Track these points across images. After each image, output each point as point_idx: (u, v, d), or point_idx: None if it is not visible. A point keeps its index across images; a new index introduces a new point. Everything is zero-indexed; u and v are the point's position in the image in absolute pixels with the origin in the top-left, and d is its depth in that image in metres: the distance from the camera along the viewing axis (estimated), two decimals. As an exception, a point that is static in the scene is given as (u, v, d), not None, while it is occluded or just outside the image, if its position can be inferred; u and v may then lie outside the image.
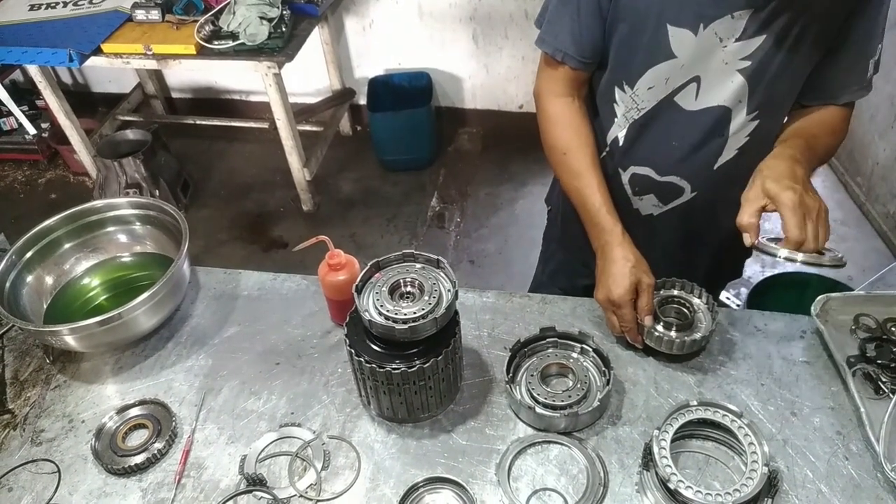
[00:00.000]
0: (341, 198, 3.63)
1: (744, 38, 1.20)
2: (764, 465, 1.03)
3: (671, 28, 1.21)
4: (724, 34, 1.20)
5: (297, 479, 1.16)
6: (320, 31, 3.50)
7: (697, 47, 1.22)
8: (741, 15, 1.17)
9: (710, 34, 1.20)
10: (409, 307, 1.10)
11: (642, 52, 1.27)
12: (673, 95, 1.30)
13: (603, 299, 1.29)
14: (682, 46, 1.23)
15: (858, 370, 1.23)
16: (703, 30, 1.20)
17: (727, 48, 1.21)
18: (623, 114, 1.37)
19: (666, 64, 1.26)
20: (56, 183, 3.89)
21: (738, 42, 1.20)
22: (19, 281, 1.42)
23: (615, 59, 1.32)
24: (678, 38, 1.22)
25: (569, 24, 1.29)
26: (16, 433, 1.27)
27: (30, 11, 3.05)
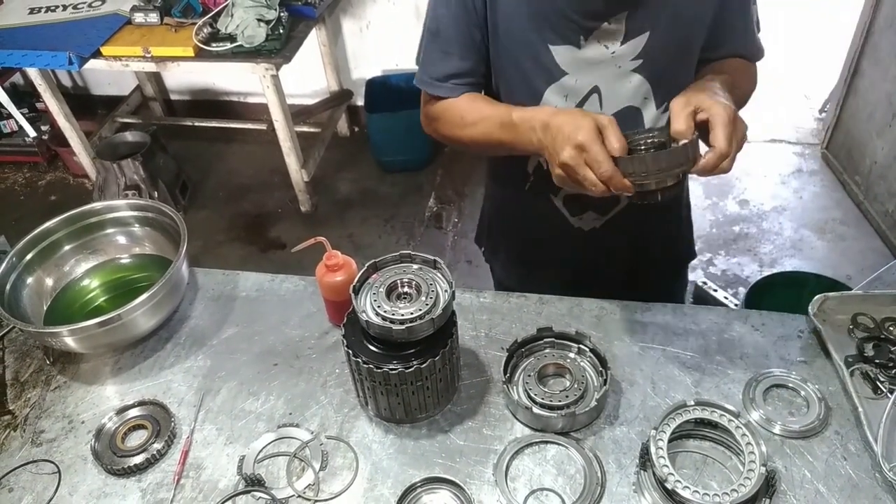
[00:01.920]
0: (339, 199, 3.64)
1: (628, 38, 1.19)
2: (762, 465, 1.03)
3: (553, 48, 1.20)
4: (607, 41, 1.19)
5: (295, 479, 1.16)
6: (318, 32, 3.50)
7: (585, 60, 1.21)
8: (617, 19, 1.16)
9: (593, 44, 1.19)
10: (406, 308, 1.10)
11: (533, 76, 1.25)
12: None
13: (568, 154, 1.06)
14: (569, 63, 1.21)
15: (856, 370, 1.23)
16: (585, 42, 1.19)
17: (616, 53, 1.20)
18: None
19: (559, 82, 1.25)
20: (56, 185, 3.90)
21: (625, 44, 1.19)
22: (20, 282, 1.42)
23: (509, 86, 1.30)
24: (563, 55, 1.21)
25: (441, 57, 1.28)
26: (16, 434, 1.27)
27: (29, 15, 3.06)
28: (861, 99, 3.24)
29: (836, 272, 2.79)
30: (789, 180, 3.49)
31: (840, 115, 3.42)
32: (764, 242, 3.18)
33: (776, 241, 3.19)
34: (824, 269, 2.83)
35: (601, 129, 1.05)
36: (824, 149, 3.57)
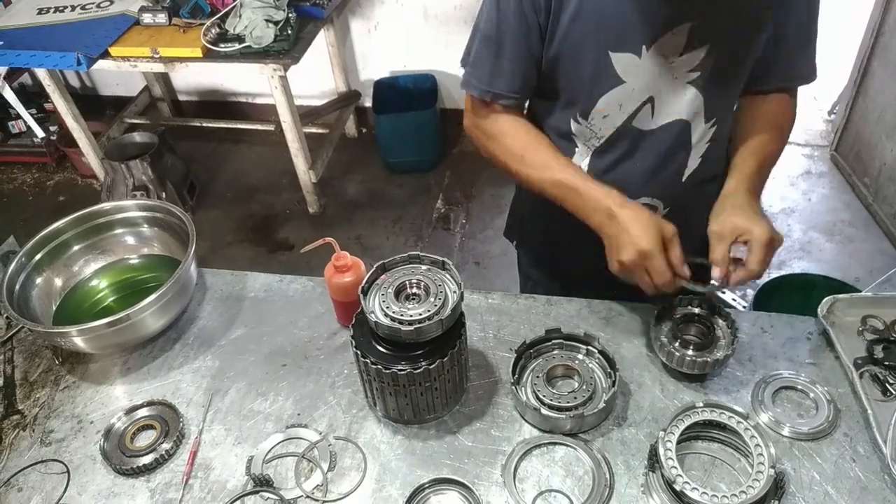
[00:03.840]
0: (347, 200, 3.64)
1: (688, 50, 1.19)
2: (770, 467, 1.03)
3: (614, 55, 1.19)
4: (668, 51, 1.18)
5: (303, 479, 1.16)
6: (326, 33, 3.50)
7: (644, 69, 1.20)
8: (680, 30, 1.16)
9: (654, 54, 1.19)
10: (414, 309, 1.10)
11: (589, 83, 1.24)
12: (630, 120, 1.28)
13: (633, 258, 1.14)
14: (628, 71, 1.21)
15: (866, 372, 1.23)
16: (647, 51, 1.18)
17: (674, 64, 1.20)
18: (583, 143, 1.34)
19: (616, 90, 1.24)
20: (64, 185, 3.91)
21: (684, 56, 1.19)
22: (29, 283, 1.43)
23: (563, 92, 1.29)
24: (623, 63, 1.20)
25: (493, 64, 1.25)
26: (25, 434, 1.28)
27: (38, 15, 3.07)
28: (870, 101, 3.23)
29: (844, 274, 2.77)
30: (798, 182, 3.47)
31: (849, 116, 3.40)
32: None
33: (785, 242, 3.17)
34: (833, 272, 2.81)
35: (665, 241, 1.15)
36: (833, 151, 3.56)
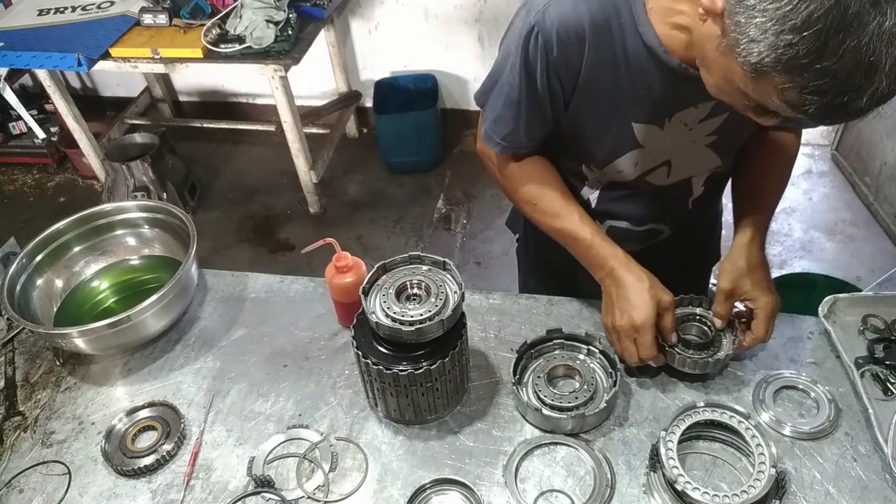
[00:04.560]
0: (348, 200, 3.64)
1: (709, 118, 1.19)
2: (771, 467, 1.03)
3: (636, 125, 1.20)
4: (689, 121, 1.19)
5: (304, 480, 1.16)
6: (326, 33, 3.50)
7: (665, 137, 1.21)
8: (704, 106, 1.17)
9: (676, 124, 1.19)
10: (415, 309, 1.11)
11: (608, 146, 1.25)
12: (644, 176, 1.30)
13: (624, 326, 1.20)
14: (648, 138, 1.22)
15: (867, 371, 1.23)
16: (669, 122, 1.19)
17: (693, 130, 1.21)
18: (594, 179, 1.36)
19: (634, 153, 1.25)
20: (65, 186, 3.91)
21: (704, 122, 1.20)
22: (30, 284, 1.43)
23: (580, 147, 1.29)
24: (644, 132, 1.21)
25: (515, 125, 1.23)
26: (27, 435, 1.28)
27: (39, 16, 3.07)
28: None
29: (845, 273, 2.77)
30: (799, 181, 3.47)
31: (850, 115, 3.40)
32: (773, 244, 3.16)
33: (786, 242, 3.17)
34: (834, 271, 2.81)
35: (660, 310, 1.19)
36: (834, 150, 3.55)
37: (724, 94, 0.99)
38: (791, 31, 0.78)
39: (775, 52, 0.80)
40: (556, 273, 1.58)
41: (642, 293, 1.19)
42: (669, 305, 1.20)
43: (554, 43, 1.08)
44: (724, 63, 0.91)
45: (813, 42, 0.77)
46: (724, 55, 0.90)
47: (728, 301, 1.24)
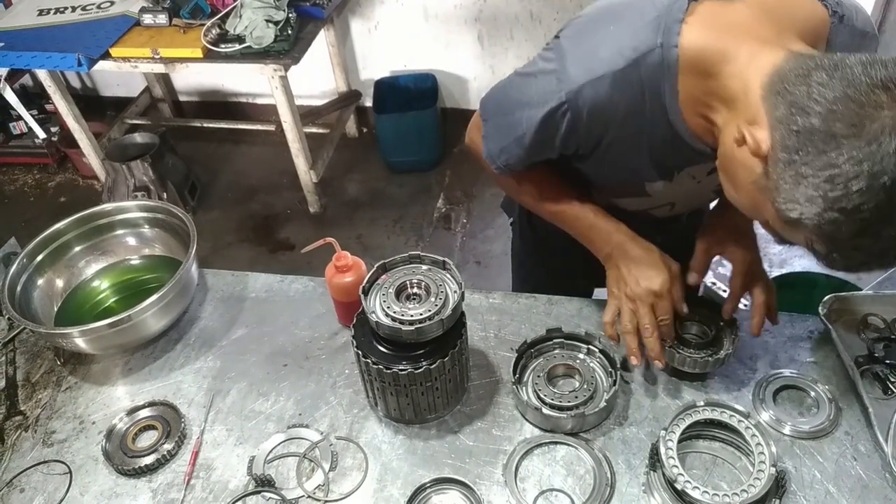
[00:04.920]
0: (348, 199, 3.64)
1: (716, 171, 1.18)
2: (771, 466, 1.03)
3: (650, 185, 1.21)
4: (698, 174, 1.18)
5: (305, 479, 1.16)
6: (326, 33, 3.50)
7: (673, 188, 1.21)
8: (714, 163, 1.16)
9: (684, 176, 1.19)
10: (415, 308, 1.11)
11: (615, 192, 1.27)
12: (647, 211, 1.31)
13: (642, 292, 1.18)
14: (656, 190, 1.22)
15: (867, 370, 1.23)
16: (678, 174, 1.19)
17: (702, 182, 1.20)
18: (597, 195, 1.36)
19: (640, 199, 1.26)
20: (65, 186, 3.91)
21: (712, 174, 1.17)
22: (30, 284, 1.43)
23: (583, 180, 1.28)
24: (653, 186, 1.22)
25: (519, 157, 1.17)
26: (27, 434, 1.28)
27: (39, 16, 3.07)
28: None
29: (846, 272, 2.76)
30: (798, 180, 3.47)
31: (850, 114, 3.40)
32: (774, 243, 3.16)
33: (786, 240, 3.17)
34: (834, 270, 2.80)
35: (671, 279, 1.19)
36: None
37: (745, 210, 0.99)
38: (838, 212, 0.79)
39: (817, 222, 0.82)
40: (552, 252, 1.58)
41: (655, 261, 1.19)
42: (677, 274, 1.20)
43: (581, 122, 1.05)
44: (755, 195, 0.91)
45: (856, 225, 0.79)
46: (758, 191, 0.90)
47: (705, 256, 1.25)
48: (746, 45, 0.92)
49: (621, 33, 1.00)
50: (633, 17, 1.00)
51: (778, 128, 0.83)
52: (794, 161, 0.81)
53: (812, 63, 0.83)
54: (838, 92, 0.78)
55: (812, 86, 0.80)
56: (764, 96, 0.87)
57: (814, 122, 0.79)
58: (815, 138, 0.79)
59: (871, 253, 0.82)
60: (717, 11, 0.97)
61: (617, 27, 1.01)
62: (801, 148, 0.80)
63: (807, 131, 0.80)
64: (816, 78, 0.80)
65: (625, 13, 1.02)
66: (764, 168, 0.86)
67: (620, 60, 0.98)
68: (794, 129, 0.81)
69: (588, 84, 1.00)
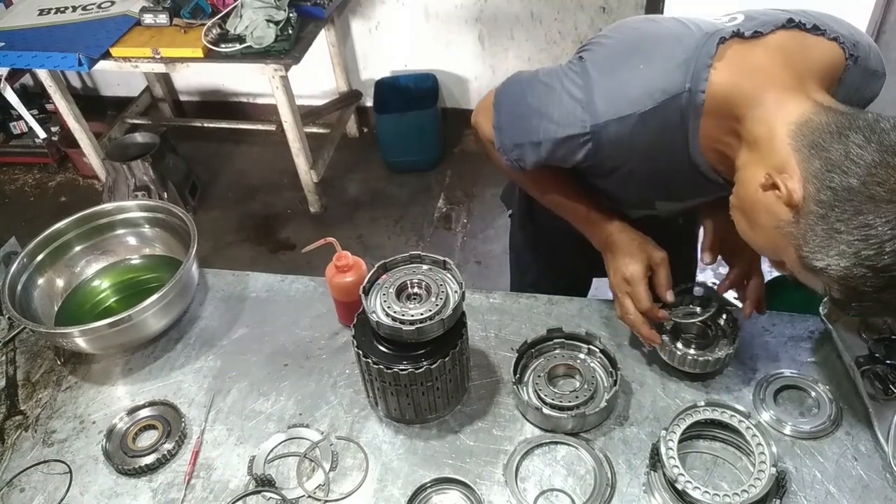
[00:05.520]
0: (348, 199, 3.64)
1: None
2: (772, 466, 1.03)
3: (659, 202, 1.24)
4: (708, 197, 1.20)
5: (305, 479, 1.16)
6: (327, 33, 3.50)
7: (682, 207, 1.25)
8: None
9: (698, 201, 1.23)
10: (416, 308, 1.11)
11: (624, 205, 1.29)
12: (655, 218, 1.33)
13: (617, 281, 1.23)
14: (666, 208, 1.26)
15: (867, 370, 1.22)
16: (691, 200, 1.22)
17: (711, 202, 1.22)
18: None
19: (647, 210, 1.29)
20: (66, 186, 3.91)
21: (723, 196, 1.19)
22: (30, 283, 1.43)
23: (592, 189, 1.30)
24: (664, 205, 1.25)
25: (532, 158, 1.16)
26: (28, 434, 1.28)
27: (39, 16, 3.07)
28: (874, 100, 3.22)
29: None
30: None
31: (850, 114, 3.39)
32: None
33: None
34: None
35: (653, 267, 1.21)
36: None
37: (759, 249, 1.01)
38: (867, 269, 0.82)
39: (843, 274, 0.85)
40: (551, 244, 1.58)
41: (632, 249, 1.22)
42: (662, 261, 1.21)
43: (601, 153, 1.07)
44: (776, 238, 0.93)
45: (882, 281, 0.83)
46: (781, 236, 0.91)
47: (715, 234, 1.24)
48: (772, 93, 0.94)
49: (651, 73, 1.01)
50: (663, 57, 1.01)
51: (812, 181, 0.86)
52: (827, 216, 0.84)
53: (845, 121, 0.86)
54: (877, 157, 0.81)
55: (850, 146, 0.83)
56: (795, 147, 0.89)
57: (852, 183, 0.82)
58: (852, 198, 0.82)
59: (890, 306, 0.86)
60: (742, 55, 0.99)
61: (647, 66, 1.02)
62: (836, 205, 0.83)
63: (844, 190, 0.83)
64: (854, 139, 0.83)
65: (654, 51, 1.03)
66: (793, 217, 0.88)
67: (649, 102, 1.00)
68: (829, 185, 0.84)
69: (614, 121, 1.02)
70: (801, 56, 0.99)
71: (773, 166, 0.91)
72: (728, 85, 0.97)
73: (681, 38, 1.01)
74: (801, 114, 0.90)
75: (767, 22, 1.01)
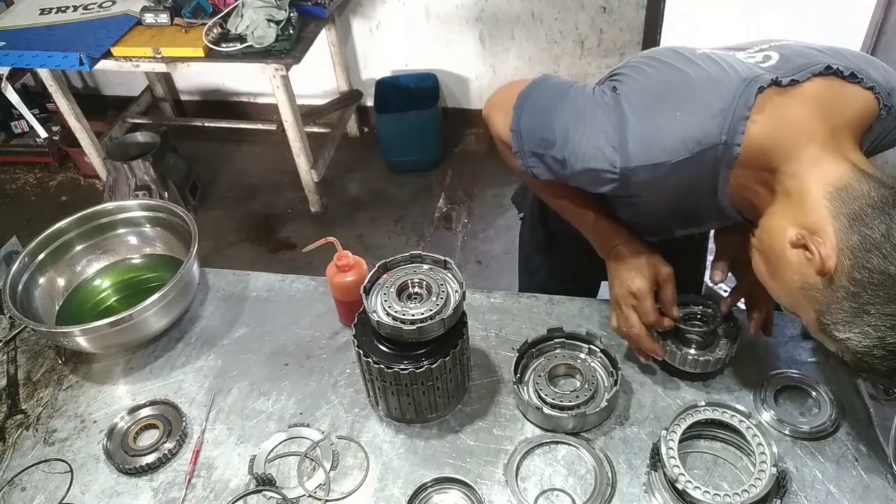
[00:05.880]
0: (349, 199, 3.64)
1: None
2: (773, 466, 1.03)
3: (679, 231, 1.24)
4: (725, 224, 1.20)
5: (306, 479, 1.16)
6: (327, 32, 3.50)
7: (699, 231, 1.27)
8: None
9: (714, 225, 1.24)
10: (416, 308, 1.11)
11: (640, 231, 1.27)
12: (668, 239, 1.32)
13: (623, 294, 1.21)
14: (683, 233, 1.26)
15: (868, 370, 1.23)
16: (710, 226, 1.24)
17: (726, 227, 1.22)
18: None
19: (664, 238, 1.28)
20: (67, 185, 3.92)
21: None
22: (32, 283, 1.43)
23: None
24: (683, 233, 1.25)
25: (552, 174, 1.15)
26: (29, 433, 1.28)
27: (40, 16, 3.07)
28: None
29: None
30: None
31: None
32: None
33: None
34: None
35: (659, 282, 1.20)
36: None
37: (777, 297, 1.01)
38: (887, 352, 0.82)
39: (862, 351, 0.85)
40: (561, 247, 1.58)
41: (639, 263, 1.20)
42: (668, 277, 1.20)
43: (626, 191, 1.06)
44: (798, 297, 0.92)
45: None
46: (804, 297, 0.91)
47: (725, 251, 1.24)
48: (809, 148, 0.93)
49: (687, 123, 0.98)
50: (700, 106, 0.98)
51: (848, 256, 0.85)
52: (859, 295, 0.83)
53: (890, 197, 0.84)
54: None
55: (892, 228, 0.82)
56: (833, 213, 0.87)
57: (890, 270, 0.81)
58: (888, 284, 0.81)
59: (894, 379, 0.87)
60: (779, 107, 0.96)
61: (683, 114, 0.99)
62: (870, 287, 0.83)
63: (881, 274, 0.82)
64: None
65: (690, 97, 1.00)
66: (822, 284, 0.88)
67: (683, 152, 0.98)
68: (867, 265, 0.83)
69: (645, 167, 1.00)
70: (838, 108, 0.97)
71: (806, 226, 0.90)
72: (764, 137, 0.95)
73: (718, 83, 0.98)
74: (840, 177, 0.88)
75: (804, 66, 0.98)
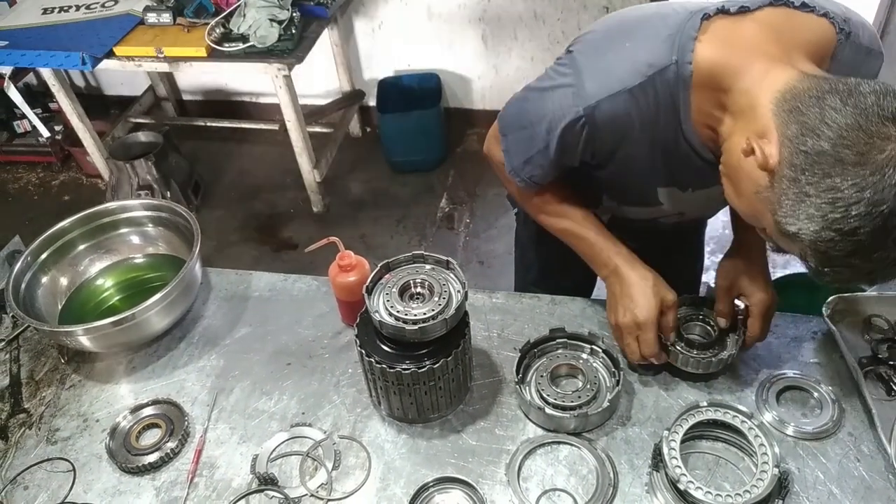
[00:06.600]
0: (351, 199, 3.64)
1: None
2: (775, 466, 1.03)
3: (661, 189, 1.22)
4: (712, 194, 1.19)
5: (308, 478, 1.17)
6: (330, 32, 3.50)
7: (685, 200, 1.24)
8: None
9: (698, 193, 1.22)
10: (419, 308, 1.11)
11: (628, 199, 1.28)
12: (656, 219, 1.33)
13: (627, 323, 1.20)
14: (669, 199, 1.25)
15: (870, 371, 1.23)
16: (692, 191, 1.21)
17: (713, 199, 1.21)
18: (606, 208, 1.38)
19: (651, 208, 1.28)
20: (69, 185, 3.92)
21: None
22: (34, 282, 1.43)
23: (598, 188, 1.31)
24: (666, 195, 1.23)
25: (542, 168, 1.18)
26: (31, 432, 1.29)
27: (43, 15, 3.07)
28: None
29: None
30: (802, 181, 3.46)
31: (854, 115, 3.39)
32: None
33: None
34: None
35: (664, 307, 1.20)
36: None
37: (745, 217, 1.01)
38: (835, 232, 0.82)
39: (813, 239, 0.85)
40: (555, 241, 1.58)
41: (646, 291, 1.20)
42: (672, 304, 1.21)
43: (598, 134, 1.08)
44: (756, 204, 0.93)
45: (850, 246, 0.83)
46: (760, 201, 0.92)
47: (727, 297, 1.25)
48: (758, 63, 0.94)
49: (637, 50, 1.02)
50: (648, 35, 1.02)
51: (787, 145, 0.85)
52: (798, 180, 0.84)
53: (827, 86, 0.85)
54: (850, 119, 0.81)
55: (825, 109, 0.83)
56: (775, 112, 0.88)
57: (823, 146, 0.82)
58: (822, 161, 0.82)
59: (860, 272, 0.87)
60: (728, 29, 0.99)
61: (632, 44, 1.03)
62: (807, 168, 0.83)
63: (815, 153, 0.82)
64: (830, 102, 0.83)
65: (638, 30, 1.04)
66: (769, 181, 0.88)
67: (637, 77, 1.00)
68: (802, 149, 0.83)
69: (605, 100, 1.03)
70: (790, 31, 0.99)
71: (755, 132, 0.91)
72: (714, 56, 0.97)
73: (665, 17, 1.03)
74: (786, 82, 0.90)
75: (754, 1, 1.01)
